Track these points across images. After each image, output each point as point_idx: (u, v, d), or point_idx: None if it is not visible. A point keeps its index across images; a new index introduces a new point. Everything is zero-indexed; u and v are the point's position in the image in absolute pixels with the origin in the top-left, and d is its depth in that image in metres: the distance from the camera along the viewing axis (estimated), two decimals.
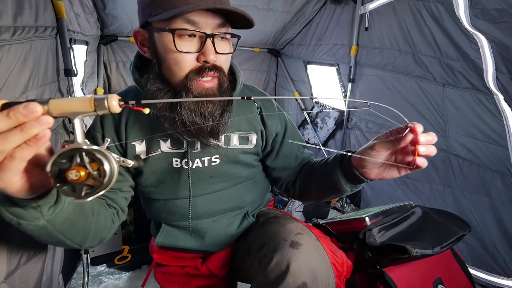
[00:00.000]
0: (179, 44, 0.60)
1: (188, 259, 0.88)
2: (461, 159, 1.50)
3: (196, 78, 0.61)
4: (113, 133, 0.72)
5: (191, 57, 0.61)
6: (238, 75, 0.75)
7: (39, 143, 0.34)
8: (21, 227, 0.46)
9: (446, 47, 1.44)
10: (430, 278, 0.87)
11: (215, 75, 0.63)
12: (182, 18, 0.58)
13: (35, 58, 1.05)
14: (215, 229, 0.83)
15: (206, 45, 0.60)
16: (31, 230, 0.48)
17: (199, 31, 0.59)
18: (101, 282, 1.51)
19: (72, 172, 0.35)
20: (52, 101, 0.34)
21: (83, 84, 2.01)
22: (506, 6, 1.11)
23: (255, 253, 0.72)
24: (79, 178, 0.35)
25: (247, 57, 3.04)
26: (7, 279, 0.78)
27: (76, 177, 0.35)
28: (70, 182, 0.36)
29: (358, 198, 2.32)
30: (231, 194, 0.82)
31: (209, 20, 0.60)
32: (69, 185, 0.36)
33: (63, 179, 0.36)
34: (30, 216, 0.45)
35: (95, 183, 0.37)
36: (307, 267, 0.60)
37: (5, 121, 0.32)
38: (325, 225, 1.00)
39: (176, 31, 0.59)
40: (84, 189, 0.37)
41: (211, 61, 0.61)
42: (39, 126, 0.33)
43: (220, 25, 0.61)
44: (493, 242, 1.40)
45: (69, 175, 0.35)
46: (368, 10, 1.93)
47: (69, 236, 0.55)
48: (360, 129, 2.24)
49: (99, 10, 2.00)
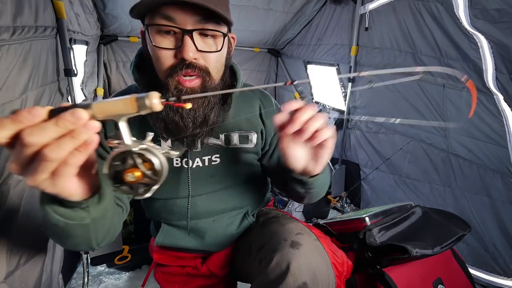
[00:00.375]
0: (158, 40, 0.59)
1: (188, 259, 0.88)
2: (461, 159, 1.50)
3: (174, 75, 0.59)
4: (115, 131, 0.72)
5: (169, 53, 0.60)
6: (238, 75, 0.74)
7: (89, 148, 0.35)
8: (67, 227, 0.47)
9: (446, 47, 1.44)
10: (430, 278, 0.87)
11: (198, 75, 0.60)
12: (159, 14, 0.57)
13: (35, 58, 1.05)
14: (215, 229, 0.83)
15: (184, 41, 0.58)
16: (74, 229, 0.49)
17: (175, 26, 0.57)
18: (101, 282, 1.51)
19: (129, 175, 0.38)
20: (95, 104, 0.35)
21: (83, 84, 2.01)
22: (506, 6, 1.11)
23: (255, 253, 0.72)
24: (136, 179, 0.38)
25: (247, 57, 3.04)
26: (7, 279, 0.78)
27: (133, 179, 0.38)
28: (128, 183, 0.38)
29: (358, 198, 2.32)
30: (231, 193, 0.82)
31: (188, 15, 0.57)
32: (127, 185, 0.39)
33: (120, 180, 0.38)
34: (78, 216, 0.46)
35: (150, 181, 0.39)
36: (308, 267, 0.60)
37: (55, 130, 0.33)
38: (325, 225, 1.00)
39: (150, 26, 0.58)
40: (141, 187, 0.39)
41: (189, 58, 0.58)
42: (87, 132, 0.34)
43: (201, 20, 0.58)
44: (493, 242, 1.40)
45: (126, 177, 0.38)
46: (368, 10, 1.93)
47: (99, 233, 0.55)
48: (360, 129, 2.25)
49: (99, 10, 2.00)
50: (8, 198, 0.83)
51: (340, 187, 2.40)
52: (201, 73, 0.61)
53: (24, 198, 0.92)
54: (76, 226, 0.47)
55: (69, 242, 0.54)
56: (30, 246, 0.94)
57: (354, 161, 2.36)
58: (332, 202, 2.26)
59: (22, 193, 0.91)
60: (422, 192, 1.77)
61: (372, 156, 2.17)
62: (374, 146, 2.14)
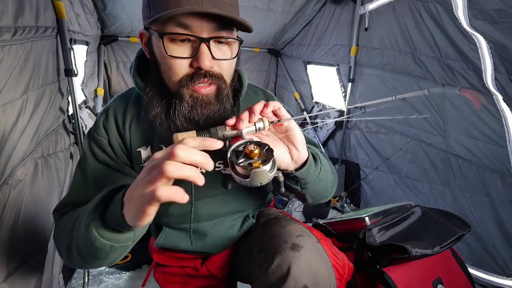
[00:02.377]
0: (171, 48, 0.56)
1: (187, 260, 0.87)
2: (460, 159, 1.51)
3: (189, 84, 0.58)
4: (118, 139, 0.70)
5: (184, 62, 0.57)
6: (243, 78, 0.73)
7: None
8: (111, 250, 0.49)
9: (446, 47, 1.45)
10: (429, 278, 0.87)
11: (213, 82, 0.60)
12: (174, 22, 0.55)
13: (36, 58, 1.05)
14: (216, 232, 0.82)
15: (201, 50, 0.56)
16: (116, 251, 0.50)
17: (191, 34, 0.56)
18: (101, 282, 1.51)
19: (250, 147, 0.48)
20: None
21: (83, 84, 2.01)
22: (505, 6, 1.11)
23: (256, 255, 0.71)
24: (255, 149, 0.48)
25: (247, 57, 3.04)
26: (8, 278, 0.78)
27: (254, 148, 0.48)
28: (249, 156, 0.48)
29: (358, 198, 2.32)
30: (233, 197, 0.81)
31: (204, 23, 0.55)
32: (247, 161, 0.48)
33: (243, 157, 0.49)
34: (125, 239, 0.48)
35: (266, 157, 0.48)
36: (308, 270, 0.60)
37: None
38: (325, 225, 1.00)
39: (165, 35, 0.56)
40: (262, 158, 0.48)
41: (206, 67, 0.57)
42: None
43: (217, 28, 0.57)
44: (493, 242, 1.40)
45: (248, 149, 0.48)
46: (368, 10, 1.93)
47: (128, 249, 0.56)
48: (360, 129, 2.25)
49: (100, 10, 2.01)
50: (8, 198, 0.83)
51: (340, 187, 2.41)
52: (217, 81, 0.60)
53: (25, 198, 0.92)
54: (119, 248, 0.49)
55: (97, 263, 0.55)
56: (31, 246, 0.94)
57: (354, 161, 2.36)
58: (332, 202, 2.26)
59: (22, 193, 0.92)
60: (422, 192, 1.78)
61: (372, 156, 2.17)
62: (373, 146, 2.14)
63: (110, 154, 0.69)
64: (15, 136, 0.89)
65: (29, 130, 0.99)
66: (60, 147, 1.29)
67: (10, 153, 0.85)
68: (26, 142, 0.97)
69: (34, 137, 1.03)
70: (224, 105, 0.63)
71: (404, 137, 1.85)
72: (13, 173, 0.86)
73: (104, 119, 0.71)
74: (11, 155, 0.86)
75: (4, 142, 0.82)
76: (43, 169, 1.08)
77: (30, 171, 0.99)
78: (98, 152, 0.69)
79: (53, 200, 1.14)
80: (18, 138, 0.90)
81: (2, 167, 0.81)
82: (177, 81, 0.59)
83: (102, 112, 0.73)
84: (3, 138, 0.82)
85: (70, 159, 1.40)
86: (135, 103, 0.72)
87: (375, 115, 2.08)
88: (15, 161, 0.88)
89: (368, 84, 2.10)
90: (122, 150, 0.70)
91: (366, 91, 2.14)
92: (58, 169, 1.23)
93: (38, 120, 1.07)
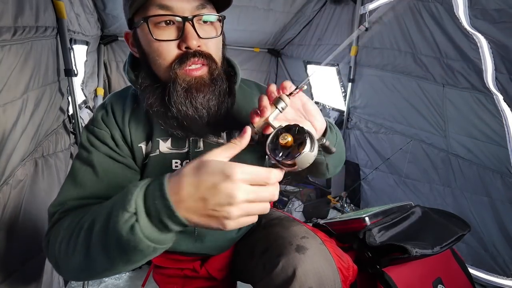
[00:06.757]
0: (157, 33, 0.57)
1: (186, 262, 0.86)
2: (461, 159, 1.50)
3: (181, 67, 0.58)
4: (119, 132, 0.69)
5: (172, 45, 0.57)
6: (237, 68, 0.73)
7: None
8: (153, 252, 0.47)
9: (446, 47, 1.44)
10: (430, 278, 0.87)
11: (204, 63, 0.60)
12: (155, 4, 0.55)
13: (36, 58, 1.05)
14: (215, 233, 0.81)
15: (186, 29, 0.56)
16: (157, 252, 0.48)
17: (174, 14, 0.56)
18: (101, 282, 1.51)
19: (283, 136, 0.48)
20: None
21: (83, 84, 2.01)
22: (506, 6, 1.11)
23: (259, 256, 0.70)
24: (289, 136, 0.48)
25: (247, 57, 3.04)
26: (7, 279, 0.78)
27: (289, 137, 0.48)
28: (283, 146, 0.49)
29: (358, 198, 2.32)
30: None
31: (185, 3, 0.56)
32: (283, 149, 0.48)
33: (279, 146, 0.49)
34: (166, 240, 0.47)
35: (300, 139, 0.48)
36: (313, 272, 0.59)
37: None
38: (325, 225, 1.00)
39: (149, 18, 0.56)
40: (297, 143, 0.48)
41: (193, 46, 0.57)
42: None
43: (198, 7, 0.57)
44: (493, 242, 1.40)
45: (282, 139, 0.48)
46: (368, 10, 1.93)
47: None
48: (360, 129, 2.25)
49: (99, 10, 2.01)
50: (8, 198, 0.83)
51: (340, 187, 2.41)
52: (207, 61, 0.60)
53: (25, 198, 0.92)
54: (159, 250, 0.48)
55: (123, 268, 0.52)
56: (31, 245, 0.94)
57: (353, 161, 2.36)
58: (332, 202, 2.26)
59: (22, 193, 0.92)
60: (422, 192, 1.78)
61: (372, 156, 2.17)
62: (373, 146, 2.14)
63: (112, 147, 0.68)
64: (15, 136, 0.89)
65: (29, 130, 0.99)
66: (60, 147, 1.29)
67: (10, 153, 0.85)
68: (26, 142, 0.97)
69: (34, 137, 1.03)
70: (219, 86, 0.63)
71: (404, 137, 1.85)
72: (13, 173, 0.86)
73: (104, 114, 0.70)
74: (11, 155, 0.86)
75: (4, 142, 0.82)
76: (43, 169, 1.08)
77: (30, 171, 0.99)
78: (99, 144, 0.67)
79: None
80: (18, 138, 0.90)
81: (2, 167, 0.81)
82: (167, 66, 0.59)
83: (100, 108, 0.72)
84: (3, 138, 0.82)
85: (70, 159, 1.40)
86: (132, 99, 0.72)
87: (375, 115, 2.08)
88: (15, 161, 0.88)
89: (368, 84, 2.10)
90: (124, 143, 0.69)
91: (366, 91, 2.14)
92: (58, 169, 1.23)
93: (38, 120, 1.07)
